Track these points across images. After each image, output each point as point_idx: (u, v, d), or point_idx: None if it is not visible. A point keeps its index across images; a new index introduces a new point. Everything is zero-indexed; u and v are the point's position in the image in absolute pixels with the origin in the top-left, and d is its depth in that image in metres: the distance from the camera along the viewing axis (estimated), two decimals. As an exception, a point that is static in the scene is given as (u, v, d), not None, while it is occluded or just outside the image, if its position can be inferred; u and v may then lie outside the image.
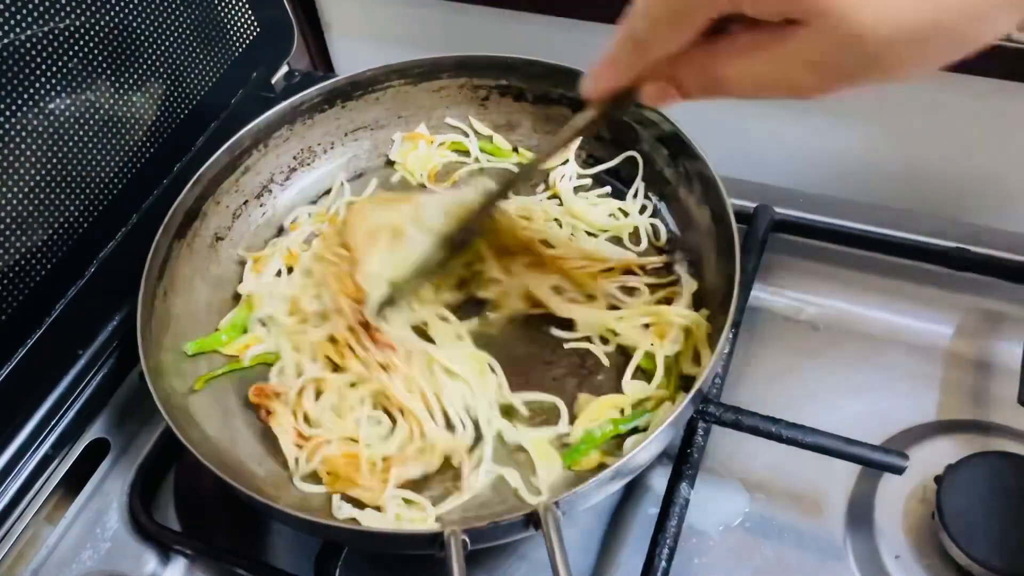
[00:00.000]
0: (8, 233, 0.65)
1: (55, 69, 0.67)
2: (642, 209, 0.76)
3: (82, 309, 0.71)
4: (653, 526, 0.60)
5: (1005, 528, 0.57)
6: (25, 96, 0.65)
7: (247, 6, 0.86)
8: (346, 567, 0.61)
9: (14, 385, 0.66)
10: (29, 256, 0.67)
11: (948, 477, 0.59)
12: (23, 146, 0.65)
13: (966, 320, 0.73)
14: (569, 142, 0.61)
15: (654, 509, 0.63)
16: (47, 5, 0.65)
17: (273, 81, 0.91)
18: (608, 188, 0.78)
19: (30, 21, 0.64)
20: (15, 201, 0.65)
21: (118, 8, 0.72)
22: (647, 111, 0.73)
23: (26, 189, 0.65)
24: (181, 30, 0.79)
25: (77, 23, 0.68)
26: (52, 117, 0.67)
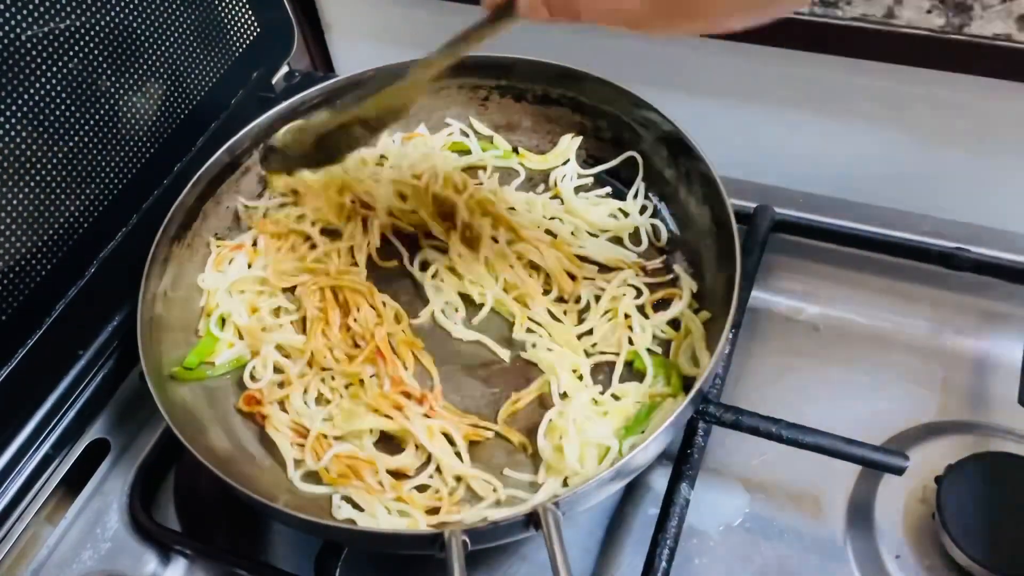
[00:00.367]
0: (8, 233, 0.65)
1: (55, 69, 0.67)
2: (642, 209, 0.76)
3: (82, 309, 0.71)
4: (653, 526, 0.60)
5: (1005, 528, 0.57)
6: (25, 96, 0.65)
7: (247, 6, 0.86)
8: (346, 567, 0.60)
9: (14, 385, 0.66)
10: (29, 256, 0.67)
11: (948, 477, 0.59)
12: (23, 146, 0.65)
13: (966, 320, 0.73)
14: (462, 43, 0.59)
15: (654, 509, 0.63)
16: (47, 5, 0.66)
17: (273, 81, 0.91)
18: (608, 188, 0.78)
19: (30, 21, 0.64)
20: (15, 201, 0.65)
21: (118, 8, 0.72)
22: (647, 112, 0.73)
23: (26, 189, 0.66)
24: (181, 30, 0.79)
25: (77, 23, 0.68)
26: (52, 117, 0.67)
